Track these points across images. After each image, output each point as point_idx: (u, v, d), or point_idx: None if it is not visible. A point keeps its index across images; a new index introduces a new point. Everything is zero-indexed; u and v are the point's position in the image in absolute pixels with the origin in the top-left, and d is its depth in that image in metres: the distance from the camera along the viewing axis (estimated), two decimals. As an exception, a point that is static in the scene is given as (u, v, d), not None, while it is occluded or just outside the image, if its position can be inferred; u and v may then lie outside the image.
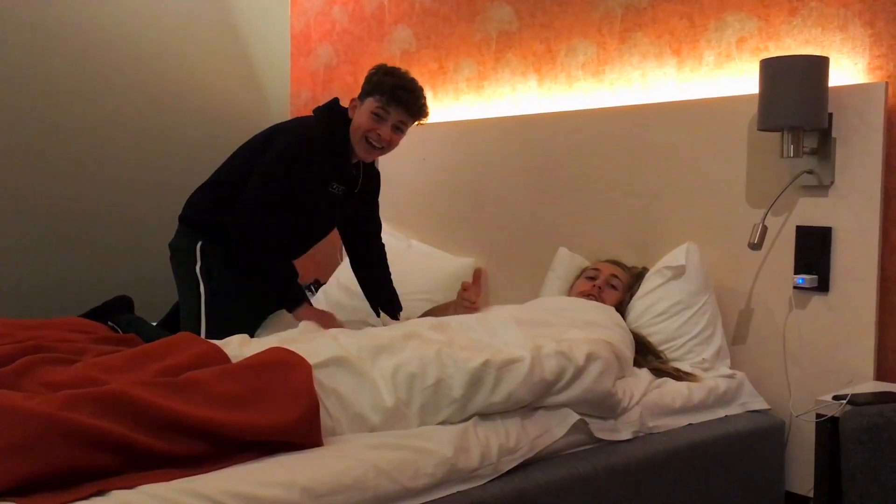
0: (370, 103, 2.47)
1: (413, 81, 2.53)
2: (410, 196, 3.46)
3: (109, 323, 2.53)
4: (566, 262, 2.73)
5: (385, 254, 2.82)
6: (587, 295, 2.50)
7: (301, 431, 1.58)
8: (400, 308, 2.76)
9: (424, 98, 2.54)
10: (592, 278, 2.55)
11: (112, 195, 3.66)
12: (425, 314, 2.64)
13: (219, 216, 2.51)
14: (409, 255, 3.28)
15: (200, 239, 2.57)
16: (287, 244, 2.61)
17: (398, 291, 2.77)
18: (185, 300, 2.61)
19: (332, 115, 2.55)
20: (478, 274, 2.82)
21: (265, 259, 2.48)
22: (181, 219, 2.68)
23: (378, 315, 2.78)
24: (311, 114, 2.63)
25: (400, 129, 2.52)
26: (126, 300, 2.69)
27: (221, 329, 2.36)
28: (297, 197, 2.49)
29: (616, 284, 2.51)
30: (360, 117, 2.49)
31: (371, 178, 2.73)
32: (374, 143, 2.50)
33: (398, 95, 2.45)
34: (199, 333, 2.45)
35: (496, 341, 2.07)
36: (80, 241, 3.57)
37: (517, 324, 2.18)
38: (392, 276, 2.80)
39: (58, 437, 1.34)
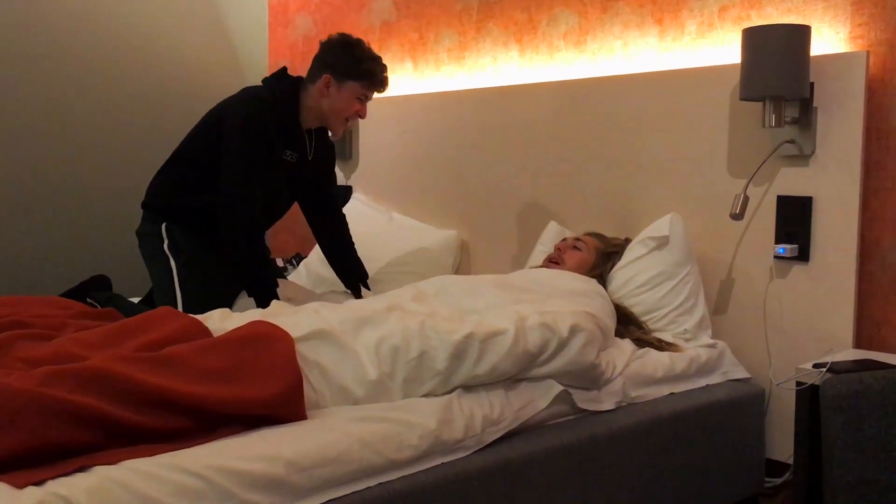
0: (355, 88, 2.55)
1: (381, 60, 2.63)
2: (391, 169, 3.43)
3: (88, 300, 2.51)
4: (556, 237, 2.72)
5: (346, 224, 2.86)
6: (550, 259, 2.51)
7: (284, 405, 1.57)
8: (366, 275, 2.83)
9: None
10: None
11: (84, 169, 3.60)
12: None
13: (180, 197, 2.58)
14: (391, 228, 3.27)
15: (164, 221, 2.60)
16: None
17: (382, 263, 2.77)
18: (158, 280, 2.62)
19: (281, 85, 2.59)
20: None
21: (256, 245, 2.50)
22: (144, 206, 2.69)
23: (349, 288, 2.82)
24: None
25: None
26: (104, 279, 2.68)
27: (198, 301, 2.40)
28: (261, 168, 2.51)
29: (580, 247, 2.50)
30: (344, 101, 2.56)
31: (325, 148, 2.77)
32: (352, 122, 2.64)
33: (383, 82, 2.60)
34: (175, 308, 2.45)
35: (477, 304, 2.07)
36: (51, 219, 3.53)
37: (497, 287, 2.18)
38: (374, 250, 2.80)
39: (37, 413, 1.33)
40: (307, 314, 1.89)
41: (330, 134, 2.73)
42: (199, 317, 1.92)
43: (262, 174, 2.50)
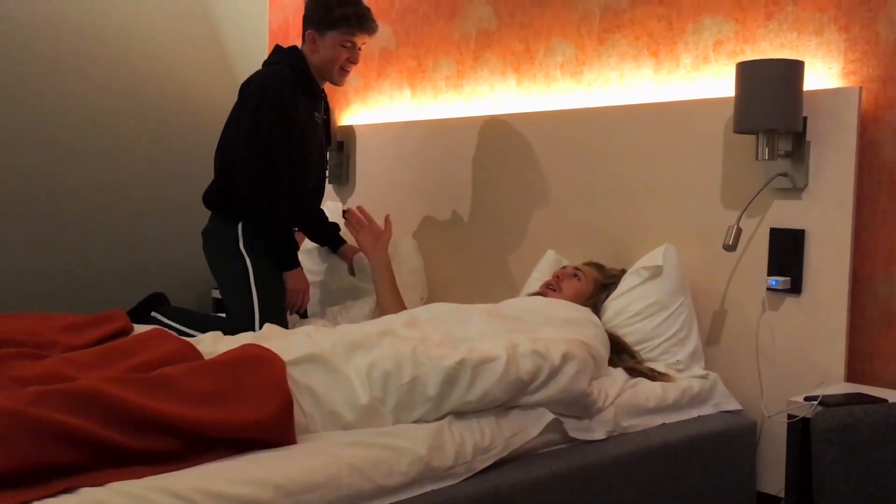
0: (337, 37, 2.67)
1: (360, 1, 2.73)
2: (387, 194, 3.45)
3: (153, 314, 2.58)
4: (553, 265, 2.73)
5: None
6: (547, 285, 2.51)
7: (274, 428, 1.57)
8: (338, 228, 3.08)
9: (372, 13, 2.78)
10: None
11: (88, 191, 3.62)
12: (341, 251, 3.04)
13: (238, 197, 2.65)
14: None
15: (240, 219, 2.65)
16: (301, 194, 2.75)
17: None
18: (230, 280, 2.66)
19: (288, 56, 2.73)
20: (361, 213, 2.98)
21: (276, 202, 2.59)
22: (213, 209, 2.75)
23: (330, 245, 3.04)
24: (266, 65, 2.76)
25: (360, 49, 2.77)
26: (161, 296, 2.72)
27: (273, 302, 2.53)
28: (295, 138, 2.62)
29: (579, 276, 2.51)
30: (330, 50, 2.69)
31: (328, 104, 2.96)
32: (348, 69, 2.76)
33: (362, 23, 2.69)
34: (251, 311, 2.55)
35: (470, 332, 2.07)
36: (69, 237, 3.56)
37: (490, 316, 2.18)
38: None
39: (25, 433, 1.32)
40: (299, 338, 1.89)
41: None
42: (191, 339, 1.92)
43: (288, 147, 2.60)
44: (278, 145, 2.57)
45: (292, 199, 2.69)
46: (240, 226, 2.64)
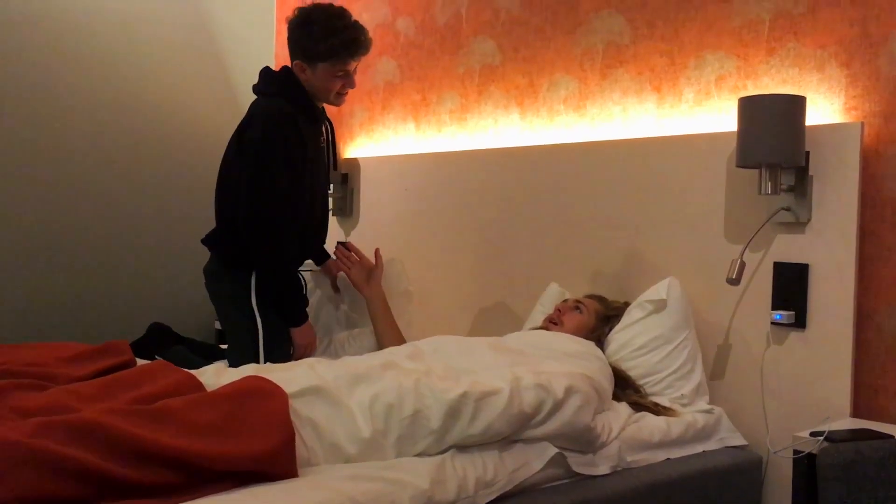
0: (328, 68, 2.51)
1: (349, 25, 2.53)
2: (391, 226, 3.46)
3: (156, 357, 2.51)
4: (556, 298, 2.72)
5: None
6: (550, 320, 2.51)
7: (276, 461, 1.56)
8: (325, 250, 2.96)
9: (366, 31, 2.57)
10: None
11: (95, 219, 3.64)
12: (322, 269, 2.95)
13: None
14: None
15: (253, 269, 2.49)
16: (305, 226, 2.61)
17: None
18: (236, 331, 2.53)
19: (289, 79, 2.56)
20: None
21: (283, 257, 2.48)
22: (218, 254, 2.60)
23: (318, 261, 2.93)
24: (261, 95, 2.60)
25: (355, 69, 2.60)
26: (163, 328, 2.66)
27: (276, 360, 2.35)
28: (302, 171, 2.48)
29: (581, 309, 2.50)
30: (324, 81, 2.54)
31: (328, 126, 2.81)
32: (345, 93, 2.62)
33: (353, 51, 2.51)
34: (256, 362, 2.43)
35: (473, 364, 2.06)
36: (71, 266, 3.57)
37: (493, 349, 2.18)
38: None
39: (27, 465, 1.32)
40: (302, 369, 1.88)
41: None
42: (194, 371, 1.91)
43: (297, 183, 2.47)
44: (285, 195, 2.44)
45: (301, 237, 2.58)
46: (253, 279, 2.48)
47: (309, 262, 2.96)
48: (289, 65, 2.61)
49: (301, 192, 2.52)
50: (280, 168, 2.42)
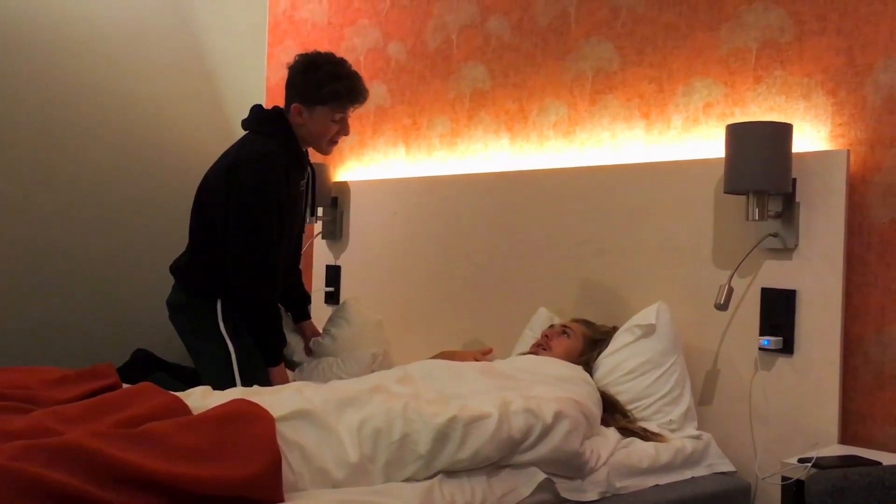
0: (326, 112, 2.55)
1: (352, 73, 2.58)
2: (381, 250, 3.46)
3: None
4: (545, 323, 2.72)
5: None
6: (538, 345, 2.50)
7: (262, 486, 1.54)
8: (309, 300, 2.96)
9: (363, 81, 2.62)
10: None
11: (78, 242, 3.62)
12: (439, 355, 2.66)
13: (220, 272, 2.50)
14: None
15: (217, 297, 2.50)
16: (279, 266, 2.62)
17: None
18: (210, 363, 2.51)
19: (281, 122, 2.58)
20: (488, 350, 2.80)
21: (273, 304, 2.54)
22: (183, 281, 2.59)
23: (295, 312, 2.91)
24: (252, 132, 2.61)
25: (350, 116, 2.64)
26: (145, 354, 2.64)
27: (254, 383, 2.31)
28: (283, 215, 2.53)
29: (568, 333, 2.51)
30: (320, 126, 2.57)
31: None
32: (337, 141, 2.65)
33: (354, 97, 2.56)
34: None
35: (462, 389, 2.05)
36: (56, 291, 3.54)
37: (483, 373, 2.17)
38: None
39: (8, 489, 1.30)
40: (290, 393, 1.87)
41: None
42: (179, 394, 1.89)
43: (281, 228, 2.51)
44: (275, 237, 2.49)
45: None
46: (219, 303, 2.49)
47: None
48: (280, 105, 2.63)
49: (282, 233, 2.55)
50: (273, 209, 2.48)
